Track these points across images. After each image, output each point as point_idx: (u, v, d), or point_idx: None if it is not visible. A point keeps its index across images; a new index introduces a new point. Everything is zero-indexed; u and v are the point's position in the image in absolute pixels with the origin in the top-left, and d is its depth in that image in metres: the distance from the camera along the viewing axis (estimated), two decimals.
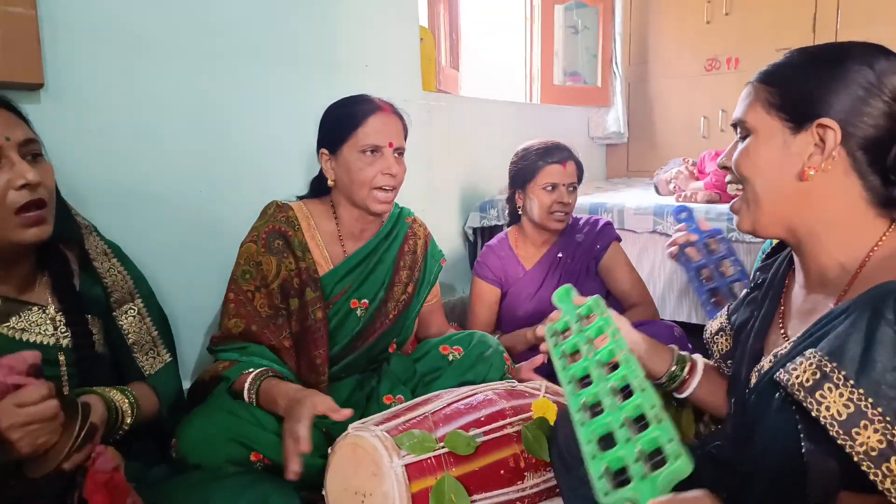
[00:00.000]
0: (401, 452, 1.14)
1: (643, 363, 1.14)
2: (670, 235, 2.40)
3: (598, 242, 2.04)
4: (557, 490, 1.22)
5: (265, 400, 1.31)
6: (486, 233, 2.75)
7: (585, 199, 2.70)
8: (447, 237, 2.82)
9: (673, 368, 1.13)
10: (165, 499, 1.09)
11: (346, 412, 1.19)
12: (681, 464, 0.75)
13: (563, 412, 1.29)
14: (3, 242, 1.03)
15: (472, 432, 1.23)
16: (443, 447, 1.18)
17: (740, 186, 0.96)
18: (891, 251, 0.86)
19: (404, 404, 1.36)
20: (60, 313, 1.14)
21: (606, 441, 0.86)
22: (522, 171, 2.04)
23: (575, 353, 1.06)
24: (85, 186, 1.62)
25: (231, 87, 1.91)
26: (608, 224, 2.10)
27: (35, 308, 1.13)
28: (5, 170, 1.00)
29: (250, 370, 1.35)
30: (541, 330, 1.16)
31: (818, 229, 0.90)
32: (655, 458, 0.80)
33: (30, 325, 1.11)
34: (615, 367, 0.96)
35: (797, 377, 0.77)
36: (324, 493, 1.22)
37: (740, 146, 0.95)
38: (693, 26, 3.68)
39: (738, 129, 0.96)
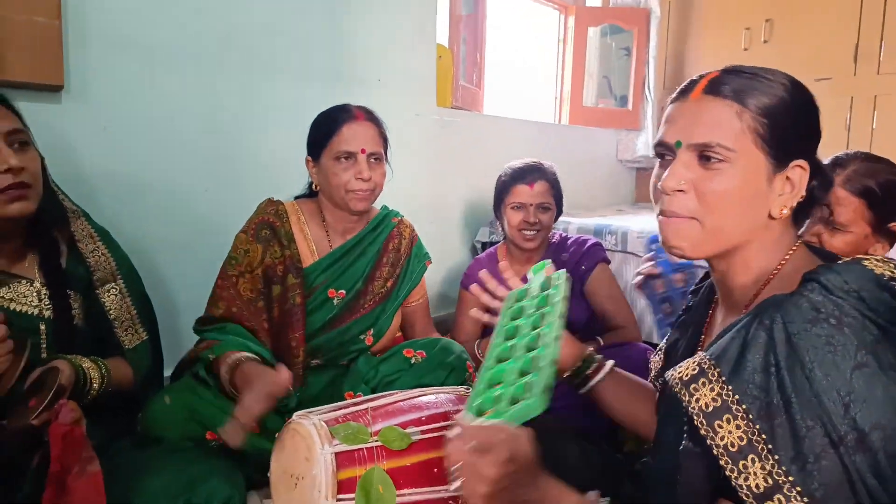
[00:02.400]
0: (333, 441, 1.21)
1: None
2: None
3: (583, 262, 2.07)
4: None
5: (240, 379, 1.36)
6: None
7: (591, 221, 2.73)
8: (456, 250, 2.90)
9: (579, 364, 1.19)
10: (123, 465, 1.20)
11: (284, 378, 1.26)
12: (533, 401, 0.81)
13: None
14: None
15: (409, 430, 1.29)
16: (375, 440, 1.24)
17: (679, 213, 0.89)
18: (791, 268, 0.88)
19: (354, 399, 1.43)
20: (45, 287, 1.28)
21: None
22: (497, 191, 2.13)
23: (517, 317, 1.12)
24: (99, 180, 1.77)
25: (242, 95, 2.04)
26: (596, 244, 2.12)
27: (23, 281, 1.27)
28: None
29: (237, 352, 1.42)
30: (503, 292, 1.24)
31: (749, 253, 0.91)
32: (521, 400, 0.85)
33: (17, 295, 1.25)
34: None
35: (679, 373, 0.82)
36: (269, 474, 1.30)
37: (704, 170, 0.86)
38: (731, 53, 3.65)
39: (701, 151, 0.86)
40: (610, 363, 1.22)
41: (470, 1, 3.11)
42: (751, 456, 0.73)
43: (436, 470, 1.29)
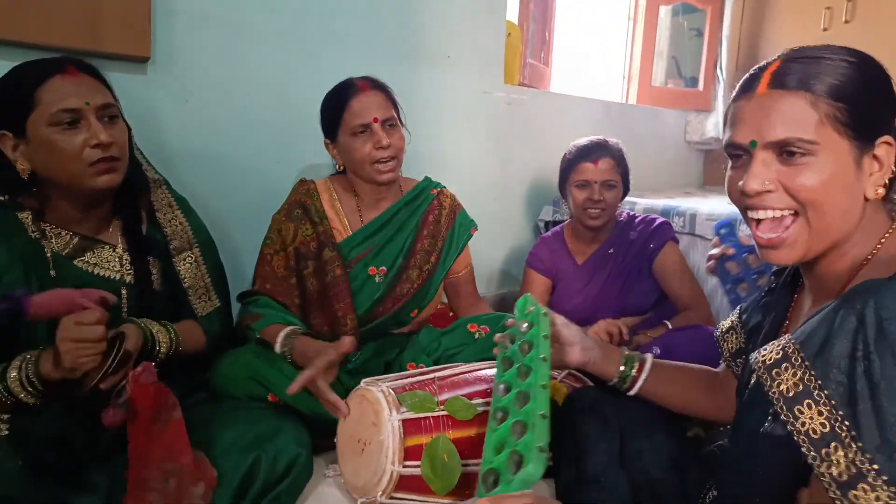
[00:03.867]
0: (400, 408, 1.24)
1: (597, 367, 1.22)
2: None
3: (651, 241, 2.04)
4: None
5: (299, 355, 1.44)
6: None
7: (659, 202, 2.67)
8: (519, 229, 2.89)
9: (622, 368, 1.19)
10: (197, 419, 1.26)
11: (347, 341, 1.33)
12: (531, 467, 0.81)
13: (571, 395, 1.35)
14: (81, 188, 1.23)
15: (474, 401, 1.31)
16: (442, 410, 1.27)
17: (781, 214, 0.86)
18: (888, 253, 0.85)
19: (419, 369, 1.46)
20: (126, 253, 1.34)
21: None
22: (563, 169, 2.10)
23: (511, 363, 1.13)
24: (178, 148, 1.84)
25: (316, 70, 2.07)
26: (665, 223, 2.09)
27: (107, 247, 1.33)
28: (83, 130, 1.19)
29: (281, 324, 1.48)
30: (497, 338, 1.25)
31: (846, 242, 0.87)
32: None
33: (101, 260, 1.32)
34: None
35: (763, 356, 0.80)
36: (335, 439, 1.35)
37: (788, 167, 0.84)
38: (810, 33, 3.48)
39: (781, 148, 0.83)
40: (649, 357, 1.21)
41: None
42: (833, 443, 0.71)
43: None
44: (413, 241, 1.73)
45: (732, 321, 1.18)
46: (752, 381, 0.93)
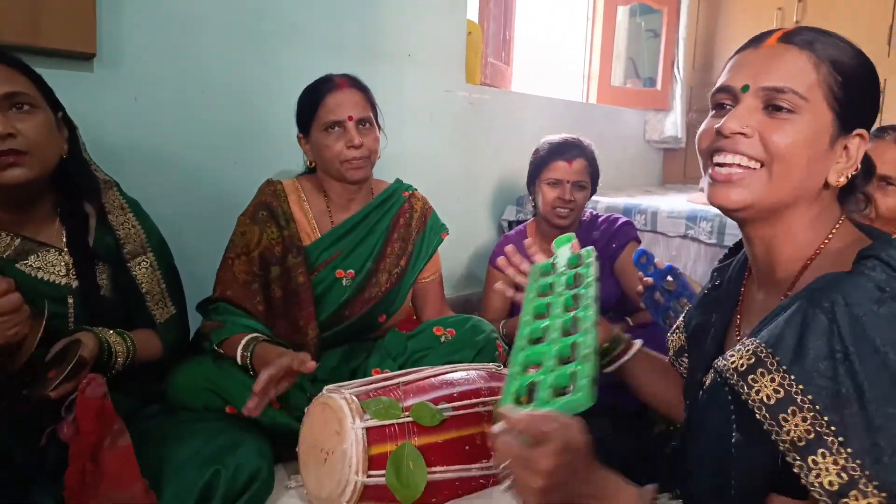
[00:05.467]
0: (364, 416, 1.20)
1: None
2: (702, 241, 2.39)
3: (614, 241, 2.04)
4: None
5: (259, 362, 1.37)
6: None
7: (620, 201, 2.69)
8: (483, 229, 2.87)
9: (606, 345, 1.17)
10: (153, 432, 1.21)
11: (311, 364, 1.25)
12: (581, 395, 0.76)
13: None
14: None
15: (440, 406, 1.28)
16: (407, 416, 1.23)
17: (747, 164, 0.84)
18: (839, 245, 0.85)
19: (384, 374, 1.42)
20: (72, 257, 1.27)
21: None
22: (534, 165, 2.08)
23: (546, 293, 1.07)
24: (127, 148, 1.77)
25: (273, 69, 2.02)
26: (627, 223, 2.09)
27: (52, 250, 1.25)
28: None
29: (243, 334, 1.42)
30: (527, 266, 1.19)
31: (796, 221, 0.86)
32: (565, 391, 0.80)
33: (45, 264, 1.24)
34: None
35: (732, 362, 0.77)
36: (297, 449, 1.30)
37: (770, 119, 0.82)
38: None
39: (769, 96, 0.82)
40: (638, 343, 1.20)
41: None
42: (820, 450, 0.68)
43: (467, 447, 1.29)
44: (383, 244, 1.68)
45: (679, 321, 1.18)
46: (708, 382, 0.91)
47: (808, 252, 0.86)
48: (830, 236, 0.86)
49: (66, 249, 1.27)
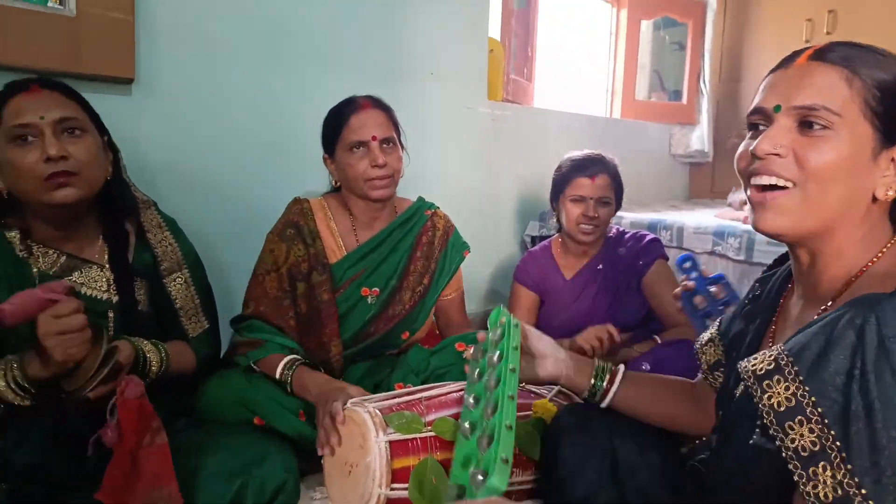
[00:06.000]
0: (387, 430, 1.23)
1: (570, 380, 1.20)
2: (730, 257, 2.37)
3: (641, 258, 2.04)
4: None
5: (298, 385, 1.42)
6: None
7: (646, 216, 2.69)
8: (505, 244, 2.89)
9: (593, 381, 1.17)
10: (182, 444, 1.24)
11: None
12: (494, 480, 0.81)
13: (559, 414, 1.34)
14: (40, 204, 1.21)
15: None
16: (429, 430, 1.26)
17: (783, 184, 0.83)
18: (888, 264, 0.84)
19: (407, 389, 1.45)
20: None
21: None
22: (556, 182, 2.09)
23: (481, 375, 1.12)
24: (163, 167, 1.84)
25: (298, 90, 2.08)
26: (654, 240, 2.09)
27: (95, 267, 1.32)
28: (38, 145, 1.17)
29: (282, 354, 1.46)
30: (469, 353, 1.25)
31: (844, 239, 0.85)
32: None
33: (88, 280, 1.30)
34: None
35: (753, 365, 0.78)
36: (322, 462, 1.33)
37: (804, 137, 0.82)
38: (792, 45, 3.40)
39: (801, 114, 0.82)
40: (621, 368, 1.19)
41: None
42: (822, 463, 0.69)
43: None
44: (407, 262, 1.72)
45: (712, 333, 1.17)
46: (739, 391, 0.91)
47: (854, 270, 0.85)
48: (880, 255, 0.84)
49: (107, 266, 1.33)
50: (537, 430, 1.33)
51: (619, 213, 2.58)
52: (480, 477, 0.86)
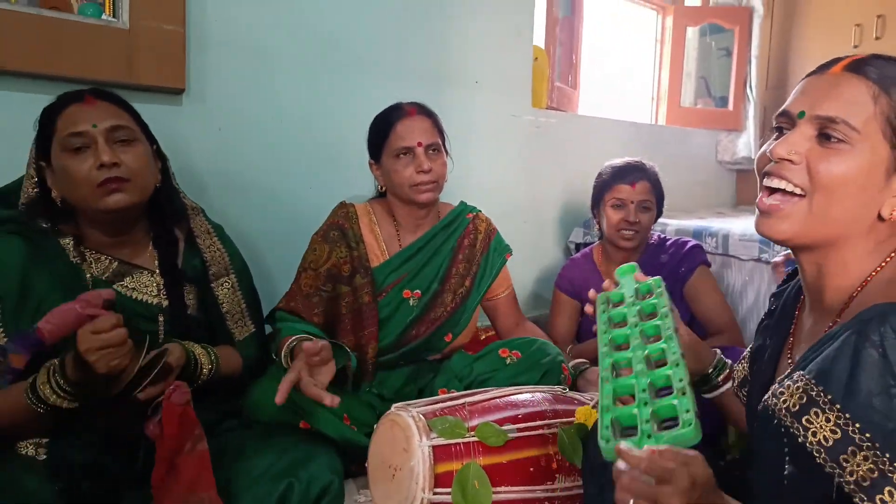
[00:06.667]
0: (430, 434, 1.24)
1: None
2: None
3: (683, 265, 2.02)
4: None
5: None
6: None
7: (691, 223, 2.64)
8: (549, 251, 2.88)
9: (710, 371, 1.14)
10: (230, 445, 1.27)
11: (331, 400, 1.24)
12: (689, 430, 0.75)
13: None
14: (93, 210, 1.24)
15: (505, 427, 1.29)
16: (472, 436, 1.26)
17: (791, 189, 0.84)
18: (889, 276, 0.83)
19: (450, 394, 1.45)
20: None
21: (626, 402, 0.87)
22: (597, 189, 2.09)
23: (621, 323, 1.06)
24: (211, 174, 1.88)
25: (344, 98, 2.11)
26: (696, 247, 2.06)
27: (145, 272, 1.35)
28: (91, 153, 1.21)
29: (289, 336, 1.45)
30: (593, 294, 1.18)
31: (848, 253, 0.85)
32: (667, 424, 0.80)
33: (139, 285, 1.34)
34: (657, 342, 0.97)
35: (784, 401, 0.76)
36: (367, 465, 1.34)
37: (821, 148, 0.82)
38: (840, 50, 3.37)
39: (822, 124, 0.82)
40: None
41: (567, 3, 3.08)
42: (887, 489, 0.66)
43: (531, 469, 1.30)
44: (448, 265, 1.73)
45: (745, 352, 1.16)
46: (760, 409, 0.89)
47: (859, 281, 0.85)
48: (884, 265, 0.84)
49: (157, 271, 1.37)
50: (579, 436, 1.32)
51: (663, 220, 2.55)
52: (658, 422, 0.80)
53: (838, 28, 3.46)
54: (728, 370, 1.16)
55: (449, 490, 1.21)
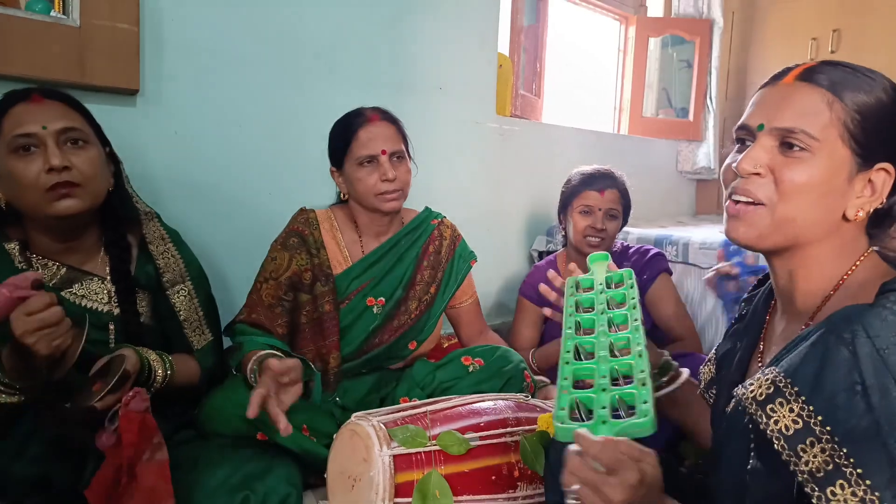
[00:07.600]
0: (391, 443, 1.21)
1: None
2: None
3: (645, 272, 2.03)
4: None
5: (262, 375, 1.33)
6: None
7: (652, 232, 2.67)
8: (513, 259, 2.88)
9: (654, 371, 1.15)
10: (184, 457, 1.23)
11: (285, 428, 1.16)
12: (645, 421, 0.76)
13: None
14: (42, 215, 1.19)
15: (467, 435, 1.28)
16: (434, 444, 1.24)
17: (751, 200, 0.86)
18: (862, 277, 0.85)
19: (412, 402, 1.43)
20: (114, 286, 1.31)
21: (583, 387, 0.88)
22: (565, 194, 2.09)
23: (588, 308, 1.08)
24: (167, 180, 1.83)
25: (306, 103, 2.08)
26: (658, 254, 2.09)
27: (96, 279, 1.31)
28: (40, 156, 1.16)
29: (255, 351, 1.39)
30: (552, 274, 1.18)
31: (815, 255, 0.87)
32: (624, 412, 0.80)
33: (88, 292, 1.29)
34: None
35: (752, 391, 0.78)
36: (325, 475, 1.31)
37: (784, 157, 0.83)
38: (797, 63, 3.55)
39: (781, 135, 0.83)
40: (686, 373, 1.19)
41: (532, 12, 3.10)
42: (839, 482, 0.68)
43: (493, 477, 1.28)
44: (413, 271, 1.70)
45: (710, 355, 1.18)
46: (729, 409, 0.92)
47: (831, 284, 0.87)
48: (854, 268, 0.86)
49: (108, 278, 1.32)
50: (542, 444, 1.32)
51: (625, 229, 2.57)
52: (612, 409, 0.81)
53: (795, 41, 3.56)
54: (674, 372, 1.17)
55: (409, 500, 1.19)
